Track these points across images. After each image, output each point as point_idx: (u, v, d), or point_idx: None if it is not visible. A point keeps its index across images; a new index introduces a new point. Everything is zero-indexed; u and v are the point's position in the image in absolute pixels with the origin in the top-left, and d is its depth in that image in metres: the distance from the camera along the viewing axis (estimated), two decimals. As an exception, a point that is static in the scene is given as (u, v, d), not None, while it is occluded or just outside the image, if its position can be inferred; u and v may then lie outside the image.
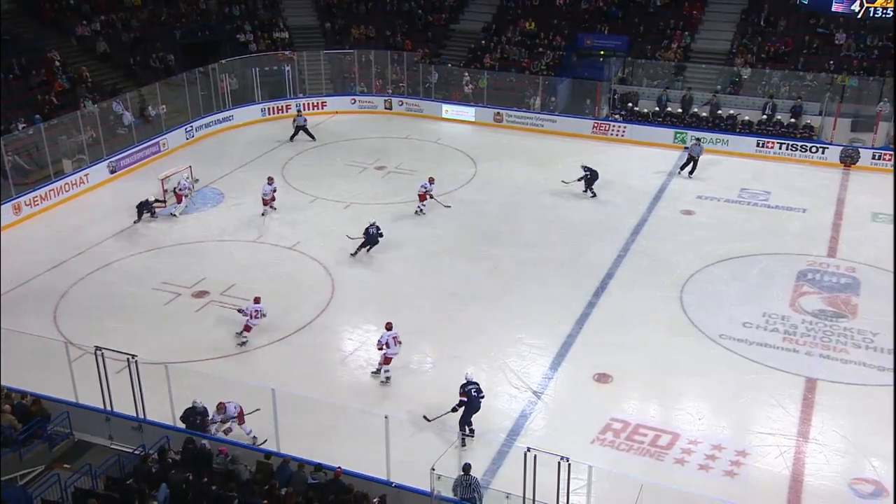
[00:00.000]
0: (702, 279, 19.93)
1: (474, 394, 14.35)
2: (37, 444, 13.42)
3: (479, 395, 14.40)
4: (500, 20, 36.24)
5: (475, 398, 14.34)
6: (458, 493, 11.91)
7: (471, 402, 14.32)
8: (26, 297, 19.06)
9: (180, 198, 23.64)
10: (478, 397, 14.38)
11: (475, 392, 14.36)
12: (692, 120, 29.77)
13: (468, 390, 14.34)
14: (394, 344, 15.95)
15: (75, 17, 32.47)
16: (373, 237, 20.73)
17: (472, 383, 14.47)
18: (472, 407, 14.33)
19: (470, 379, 14.55)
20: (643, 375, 16.29)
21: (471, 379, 14.57)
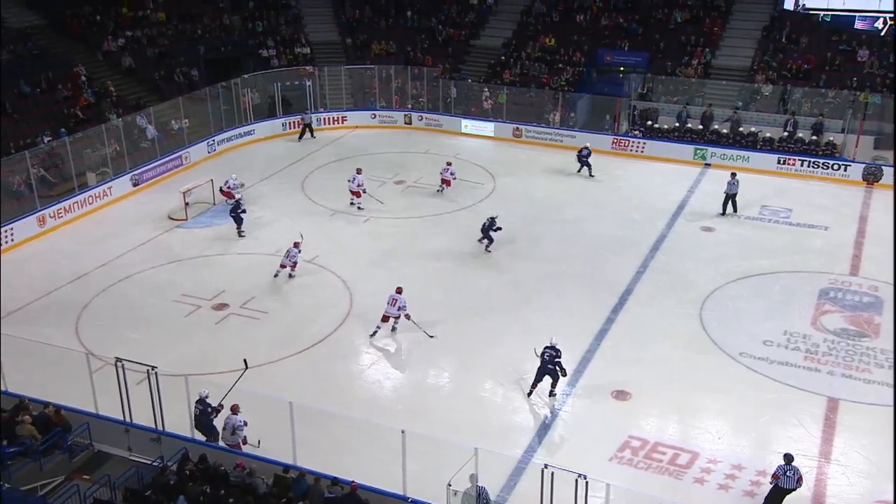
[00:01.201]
0: (722, 296, 19.75)
1: (546, 358, 15.60)
2: (57, 455, 13.50)
3: (551, 362, 15.53)
4: (520, 36, 36.37)
5: (546, 362, 15.56)
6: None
7: (542, 364, 15.60)
8: (49, 308, 19.27)
9: (231, 195, 23.99)
10: (548, 363, 15.53)
11: (547, 357, 15.58)
12: (712, 136, 29.64)
13: (543, 354, 15.65)
14: (392, 304, 17.54)
15: (102, 32, 32.98)
16: (484, 228, 21.62)
17: (549, 348, 15.70)
18: (542, 370, 15.62)
19: (551, 343, 15.77)
20: (662, 393, 16.14)
21: (551, 343, 15.75)
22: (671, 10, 35.06)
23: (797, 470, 12.83)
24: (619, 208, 25.07)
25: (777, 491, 12.83)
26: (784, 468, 12.81)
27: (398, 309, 17.81)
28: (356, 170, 25.12)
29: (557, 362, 15.70)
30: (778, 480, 12.78)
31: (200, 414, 14.02)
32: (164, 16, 35.21)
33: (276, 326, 18.43)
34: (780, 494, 12.83)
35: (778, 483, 12.79)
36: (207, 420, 14.03)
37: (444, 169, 26.02)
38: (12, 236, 22.29)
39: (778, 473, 12.81)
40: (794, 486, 12.74)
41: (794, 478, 12.75)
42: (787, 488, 12.76)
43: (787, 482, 12.73)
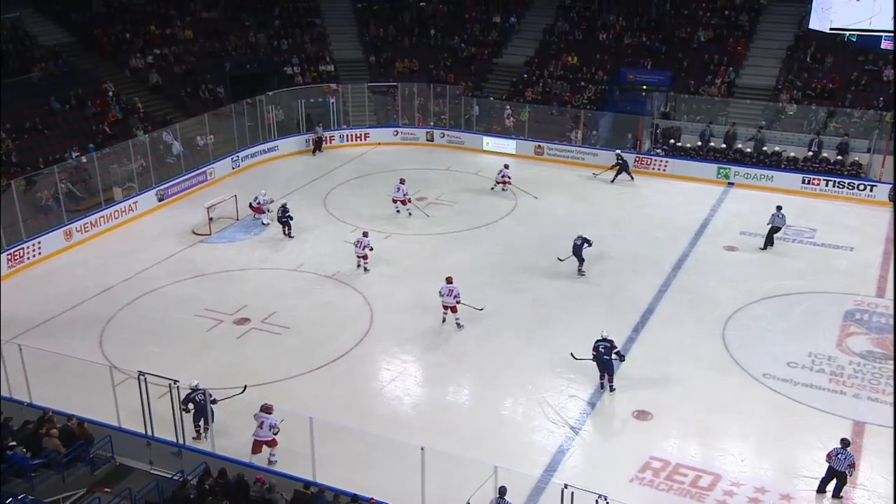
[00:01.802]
0: (745, 316, 19.57)
1: (602, 350, 16.24)
2: (79, 467, 13.63)
3: (607, 353, 16.21)
4: (542, 54, 36.51)
5: (601, 354, 16.20)
6: None
7: (598, 358, 16.28)
8: (75, 321, 19.52)
9: (261, 210, 24.71)
10: (605, 354, 16.19)
11: (602, 349, 16.23)
12: (736, 155, 29.49)
13: (597, 346, 16.30)
14: (448, 294, 18.74)
15: (130, 50, 33.57)
16: (576, 249, 21.54)
17: (602, 340, 16.38)
18: (599, 361, 16.30)
19: (603, 336, 16.47)
20: (684, 413, 15.99)
21: (604, 336, 16.46)
22: (695, 30, 35.05)
23: (850, 455, 13.52)
24: (641, 227, 24.97)
25: (830, 471, 13.68)
26: (837, 450, 13.59)
27: (454, 298, 18.81)
28: (400, 180, 25.99)
29: (618, 352, 16.67)
30: (830, 461, 13.60)
31: (204, 399, 14.49)
32: (192, 34, 35.79)
33: (296, 342, 18.52)
34: (831, 475, 13.66)
35: (830, 464, 13.61)
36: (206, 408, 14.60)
37: (500, 172, 27.62)
38: (40, 250, 22.64)
39: (831, 454, 13.61)
40: (844, 469, 13.47)
41: (844, 462, 13.45)
42: (837, 469, 13.51)
43: (838, 464, 13.48)
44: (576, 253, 21.56)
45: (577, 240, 21.53)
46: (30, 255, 22.37)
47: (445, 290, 18.92)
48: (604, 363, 16.38)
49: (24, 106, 28.18)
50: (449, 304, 18.94)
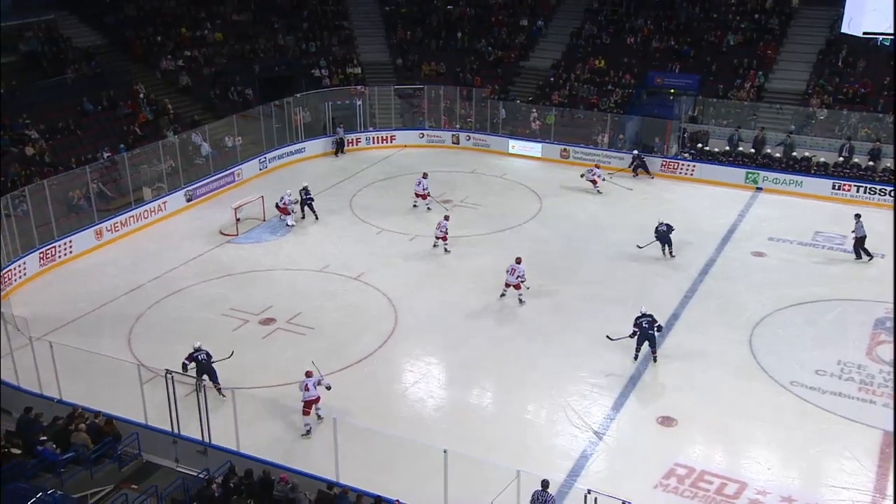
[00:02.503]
0: (773, 323, 19.33)
1: (645, 325, 17.10)
2: (107, 464, 13.81)
3: (651, 328, 17.04)
4: (569, 58, 36.37)
5: (646, 329, 17.07)
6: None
7: (643, 333, 17.16)
8: (104, 319, 19.78)
9: (287, 210, 24.87)
10: (648, 329, 17.03)
11: (646, 324, 17.09)
12: (765, 160, 29.15)
13: (639, 322, 17.16)
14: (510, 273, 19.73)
15: (161, 52, 33.99)
16: (662, 235, 22.41)
17: (644, 316, 17.25)
18: (644, 336, 17.21)
19: (643, 312, 17.32)
20: (709, 420, 15.83)
21: (644, 312, 17.31)
22: (724, 33, 34.70)
23: None
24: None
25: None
26: None
27: (516, 277, 19.70)
28: (422, 174, 26.38)
29: (658, 326, 17.35)
30: None
31: (207, 359, 16.19)
32: (221, 36, 36.15)
33: (321, 342, 18.61)
34: None
35: None
36: (210, 367, 16.16)
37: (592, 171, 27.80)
38: (71, 248, 22.98)
39: None
40: None
41: None
42: None
43: None
44: (661, 239, 22.55)
45: (661, 226, 22.50)
46: (61, 254, 22.72)
47: (510, 268, 19.91)
48: (647, 337, 17.29)
49: (58, 107, 28.67)
50: (511, 282, 19.91)
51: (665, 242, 22.63)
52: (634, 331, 17.36)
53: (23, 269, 21.52)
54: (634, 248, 23.35)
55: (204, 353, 16.27)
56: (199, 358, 16.18)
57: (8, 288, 20.76)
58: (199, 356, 16.20)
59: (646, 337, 17.33)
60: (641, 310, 17.53)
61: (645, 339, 17.36)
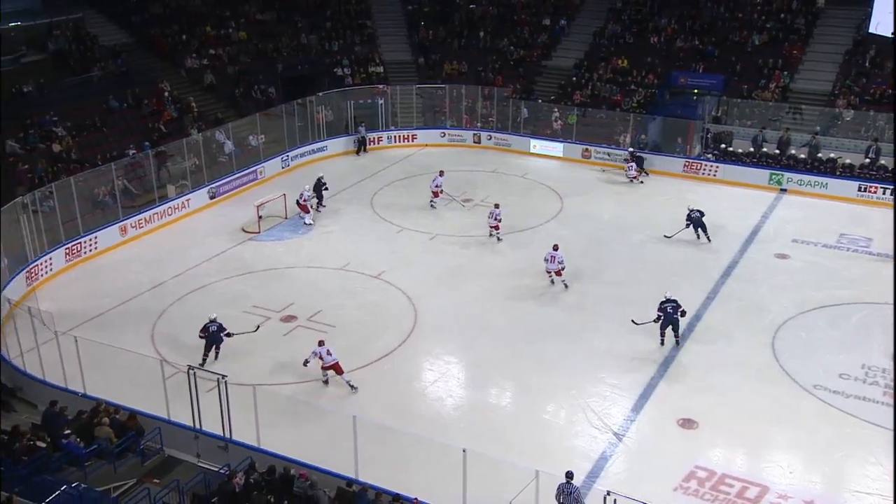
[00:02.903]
0: (796, 326, 19.13)
1: (670, 310, 17.66)
2: (130, 458, 13.98)
3: (675, 312, 17.65)
4: (592, 57, 36.19)
5: (670, 314, 17.63)
6: (560, 499, 12.22)
7: (666, 318, 17.71)
8: (128, 314, 20.00)
9: (306, 208, 25.00)
10: (673, 314, 17.63)
11: (671, 309, 17.65)
12: (789, 162, 28.83)
13: (664, 307, 17.73)
14: (551, 260, 20.53)
15: (186, 50, 34.28)
16: (696, 221, 23.25)
17: (668, 301, 17.80)
18: (668, 321, 17.75)
19: (668, 297, 17.88)
20: (730, 423, 15.70)
21: (668, 297, 17.87)
22: (749, 33, 34.37)
23: None
24: (688, 232, 24.55)
25: None
26: None
27: (557, 263, 20.42)
28: (439, 172, 26.65)
29: (682, 311, 17.80)
30: None
31: (217, 330, 17.33)
32: (245, 35, 36.38)
33: (341, 340, 18.61)
34: None
35: None
36: (219, 337, 17.33)
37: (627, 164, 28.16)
38: (96, 244, 23.26)
39: None
40: None
41: None
42: None
43: None
44: (696, 224, 23.29)
45: (694, 212, 23.32)
46: (87, 250, 23.00)
47: (549, 256, 20.63)
48: (672, 322, 17.79)
49: (85, 104, 29.00)
50: (552, 269, 20.70)
51: (699, 227, 23.36)
52: (659, 315, 17.85)
53: (49, 265, 21.81)
54: (657, 250, 23.23)
55: (216, 325, 17.47)
56: (210, 329, 17.43)
57: (35, 283, 21.05)
58: (211, 327, 17.45)
59: (670, 321, 17.81)
60: (666, 295, 18.05)
61: (669, 323, 17.85)
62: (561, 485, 12.52)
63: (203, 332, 17.47)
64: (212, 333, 17.42)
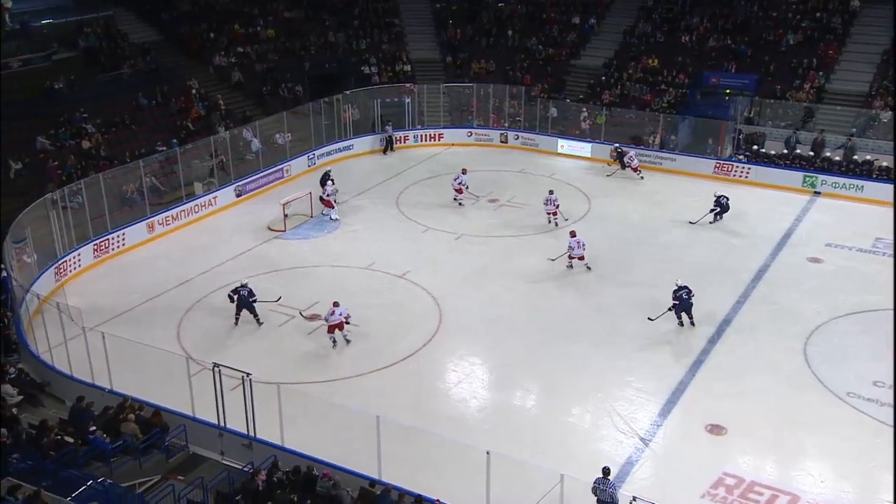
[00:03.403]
0: (829, 331, 18.84)
1: (685, 296, 18.53)
2: (155, 455, 14.13)
3: (689, 297, 18.53)
4: (622, 56, 35.99)
5: (686, 300, 18.53)
6: (596, 494, 12.49)
7: (682, 303, 18.55)
8: (155, 311, 20.23)
9: (330, 203, 25.33)
10: (688, 299, 18.54)
11: (685, 295, 18.52)
12: (824, 163, 28.41)
13: (679, 294, 18.55)
14: (577, 246, 21.52)
15: (215, 48, 34.61)
16: (724, 206, 24.52)
17: (682, 288, 18.59)
18: (683, 307, 18.62)
19: (680, 284, 18.66)
20: (760, 429, 15.49)
21: (681, 284, 18.65)
22: (784, 32, 33.94)
23: None
24: (718, 235, 24.33)
25: None
26: None
27: (581, 247, 21.54)
28: (461, 170, 26.95)
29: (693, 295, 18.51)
30: None
31: (248, 295, 18.95)
32: (273, 33, 36.67)
33: (365, 339, 18.74)
34: None
35: None
36: (249, 303, 18.95)
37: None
38: (124, 241, 23.55)
39: None
40: None
41: None
42: None
43: None
44: (724, 210, 24.46)
45: (722, 198, 24.65)
46: (115, 246, 23.30)
47: (574, 243, 21.55)
48: (686, 307, 18.58)
49: (114, 101, 29.41)
50: (576, 255, 21.65)
51: (725, 211, 24.54)
52: (675, 304, 18.57)
53: (77, 261, 22.13)
54: (685, 251, 23.04)
55: (247, 290, 19.07)
56: (241, 293, 18.96)
57: (63, 279, 21.37)
58: (242, 291, 18.99)
59: (685, 307, 18.62)
60: (678, 282, 18.77)
61: (684, 309, 18.66)
62: (598, 479, 12.61)
63: (233, 293, 19.21)
64: (241, 297, 19.03)
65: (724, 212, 24.71)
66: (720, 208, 24.69)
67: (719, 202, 24.72)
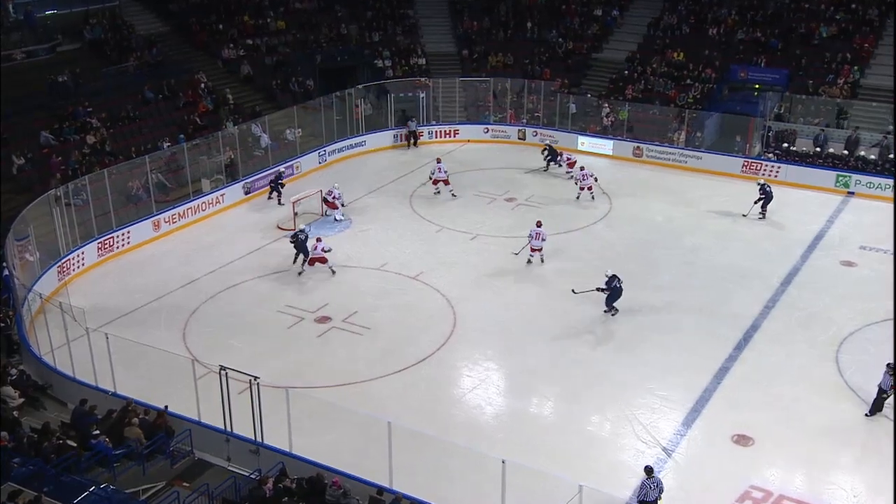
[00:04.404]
0: (862, 339, 18.67)
1: (619, 286, 19.28)
2: (159, 460, 14.20)
3: (620, 284, 19.29)
4: (646, 50, 35.86)
5: (619, 288, 19.29)
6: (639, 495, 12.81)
7: (615, 293, 19.26)
8: (160, 311, 20.36)
9: (334, 205, 25.47)
10: (619, 287, 19.27)
11: (619, 284, 19.29)
12: (858, 163, 28.17)
13: (614, 285, 19.22)
14: (536, 237, 21.90)
15: (223, 40, 34.79)
16: (769, 195, 24.98)
17: (614, 277, 19.35)
18: (615, 296, 19.31)
19: (611, 274, 19.42)
20: (789, 440, 15.38)
21: (612, 274, 19.42)
22: (816, 24, 33.69)
23: None
24: (746, 237, 24.18)
25: None
26: None
27: (541, 240, 21.96)
28: (436, 159, 27.66)
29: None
30: None
31: (305, 239, 21.81)
32: (284, 24, 36.82)
33: (377, 343, 18.78)
34: None
35: None
36: (305, 246, 21.57)
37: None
38: (129, 239, 23.73)
39: None
40: None
41: None
42: None
43: None
44: (768, 199, 24.93)
45: (766, 186, 25.20)
46: (119, 244, 23.48)
47: (534, 233, 21.89)
48: (618, 293, 19.28)
49: (120, 95, 29.62)
50: (537, 246, 22.04)
51: (770, 200, 25.02)
52: (607, 290, 19.33)
53: (81, 259, 22.32)
54: (712, 254, 22.93)
55: (305, 234, 21.88)
56: (299, 237, 21.71)
57: (66, 277, 21.56)
58: (300, 235, 21.78)
59: (617, 295, 19.32)
60: (608, 273, 19.48)
61: (616, 297, 19.36)
62: (644, 481, 12.93)
63: (293, 238, 21.86)
64: (300, 241, 21.59)
65: (769, 201, 25.02)
66: (766, 197, 24.96)
67: (764, 189, 25.04)
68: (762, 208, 25.18)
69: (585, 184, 26.85)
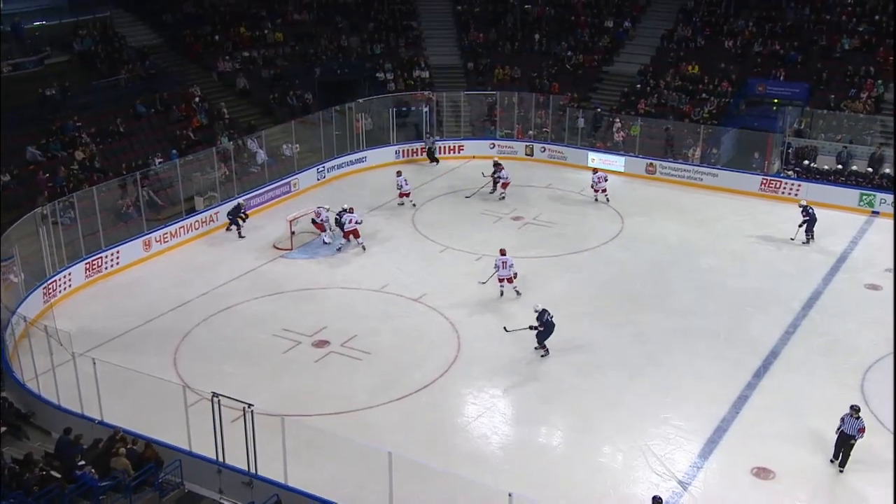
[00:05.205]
0: (888, 366, 18.57)
1: (551, 320, 18.76)
2: (147, 492, 14.13)
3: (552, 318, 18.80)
4: (658, 63, 36.06)
5: (551, 324, 18.77)
6: None
7: (548, 329, 18.76)
8: (149, 335, 20.37)
9: (322, 227, 25.52)
10: (551, 321, 18.75)
11: (549, 318, 18.77)
12: (883, 181, 28.20)
13: (545, 319, 18.73)
14: (502, 266, 21.43)
15: (218, 52, 35.04)
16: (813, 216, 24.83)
17: (545, 311, 18.80)
18: (548, 331, 18.79)
19: (541, 309, 18.83)
20: (812, 474, 15.31)
21: (541, 308, 18.84)
22: (838, 36, 33.87)
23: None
24: (765, 258, 24.17)
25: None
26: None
27: (509, 268, 21.51)
28: (397, 172, 28.59)
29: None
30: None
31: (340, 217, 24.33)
32: (282, 36, 37.10)
33: (377, 369, 18.76)
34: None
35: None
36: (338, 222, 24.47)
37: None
38: (118, 259, 23.78)
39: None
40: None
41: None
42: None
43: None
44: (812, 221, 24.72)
45: (809, 208, 24.97)
46: (108, 265, 23.52)
47: (499, 261, 21.55)
48: (551, 328, 18.79)
49: (110, 109, 29.77)
50: (505, 276, 21.55)
51: (815, 222, 24.87)
52: (539, 327, 18.76)
53: (68, 281, 22.37)
54: (729, 277, 22.89)
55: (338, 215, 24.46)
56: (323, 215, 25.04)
57: (52, 300, 21.59)
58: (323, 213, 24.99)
59: (551, 330, 18.83)
60: (537, 307, 18.98)
61: (549, 332, 18.86)
62: None
63: (339, 215, 24.52)
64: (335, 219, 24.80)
65: (813, 223, 24.89)
66: (809, 219, 24.81)
67: (807, 211, 24.88)
68: (808, 231, 24.96)
69: (600, 186, 28.10)
